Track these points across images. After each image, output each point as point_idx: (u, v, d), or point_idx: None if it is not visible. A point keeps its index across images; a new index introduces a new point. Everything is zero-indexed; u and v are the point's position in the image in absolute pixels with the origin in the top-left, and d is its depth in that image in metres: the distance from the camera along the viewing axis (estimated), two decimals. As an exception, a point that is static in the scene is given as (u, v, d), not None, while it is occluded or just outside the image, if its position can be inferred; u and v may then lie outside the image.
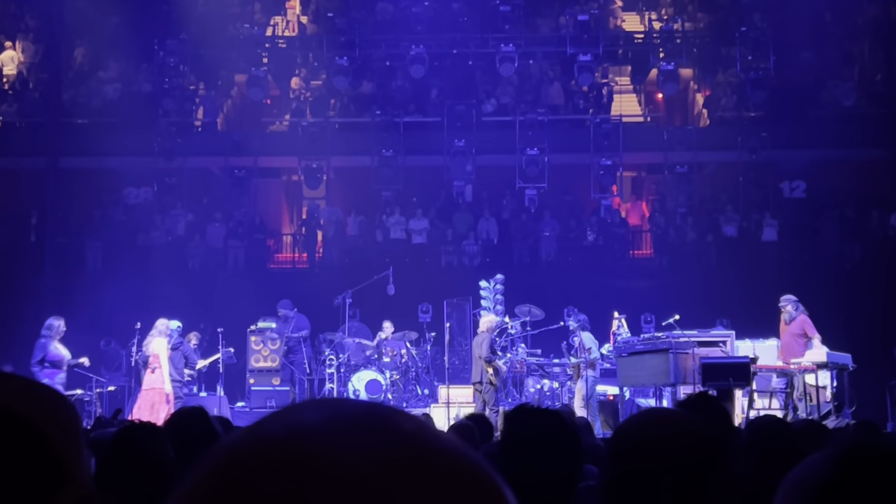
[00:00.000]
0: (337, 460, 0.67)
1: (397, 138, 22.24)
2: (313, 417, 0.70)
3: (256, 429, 0.72)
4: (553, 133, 22.28)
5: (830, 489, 0.95)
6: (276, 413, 0.73)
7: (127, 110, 21.86)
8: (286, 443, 0.68)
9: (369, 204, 22.71)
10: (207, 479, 0.69)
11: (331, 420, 0.70)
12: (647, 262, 22.36)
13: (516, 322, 17.91)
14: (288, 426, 0.70)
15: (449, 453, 0.70)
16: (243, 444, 0.70)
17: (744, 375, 13.03)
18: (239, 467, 0.69)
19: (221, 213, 22.36)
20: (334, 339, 18.06)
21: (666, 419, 2.13)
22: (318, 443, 0.68)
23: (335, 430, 0.69)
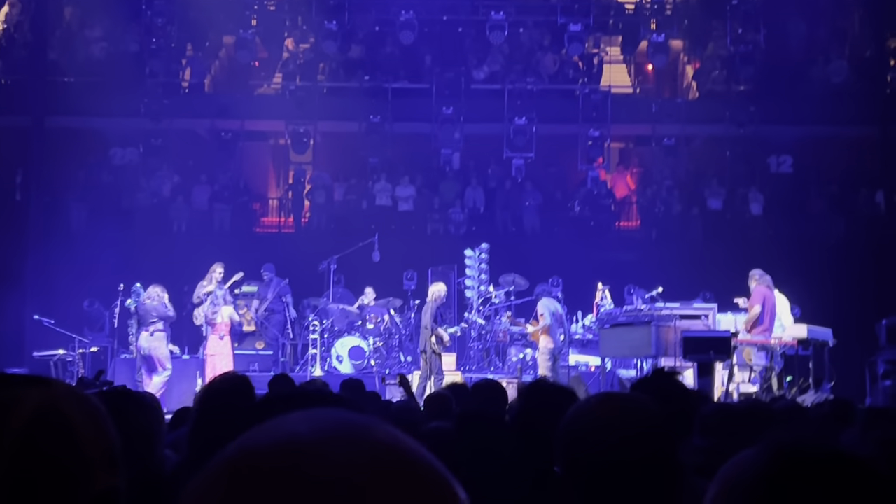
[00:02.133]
0: (325, 467, 0.79)
1: (385, 104, 22.14)
2: (305, 429, 0.82)
3: (258, 437, 0.83)
4: (542, 103, 22.21)
5: (765, 486, 0.95)
6: (273, 424, 0.85)
7: (113, 70, 21.66)
8: (281, 451, 0.81)
9: (356, 170, 22.65)
10: (212, 485, 0.81)
11: (319, 431, 0.82)
12: (632, 234, 22.39)
13: (500, 291, 17.96)
14: (282, 438, 0.82)
15: (416, 460, 0.82)
16: (244, 453, 0.82)
17: (724, 349, 13.09)
18: (241, 475, 0.80)
19: (207, 175, 22.27)
20: (318, 304, 18.07)
21: (617, 405, 2.12)
22: (310, 452, 0.80)
23: (323, 440, 0.81)
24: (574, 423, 2.08)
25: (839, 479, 0.93)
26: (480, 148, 22.62)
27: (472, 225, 21.85)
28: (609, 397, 2.20)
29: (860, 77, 22.40)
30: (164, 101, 21.66)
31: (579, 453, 2.02)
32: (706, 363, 13.20)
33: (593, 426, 2.04)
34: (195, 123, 22.99)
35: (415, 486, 0.80)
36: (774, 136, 21.87)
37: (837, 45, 22.96)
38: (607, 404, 2.12)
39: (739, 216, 21.72)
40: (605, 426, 2.03)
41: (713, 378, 13.37)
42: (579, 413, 2.10)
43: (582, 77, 23.34)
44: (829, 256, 19.79)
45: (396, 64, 23.14)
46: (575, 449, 2.03)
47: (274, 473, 0.79)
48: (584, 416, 2.08)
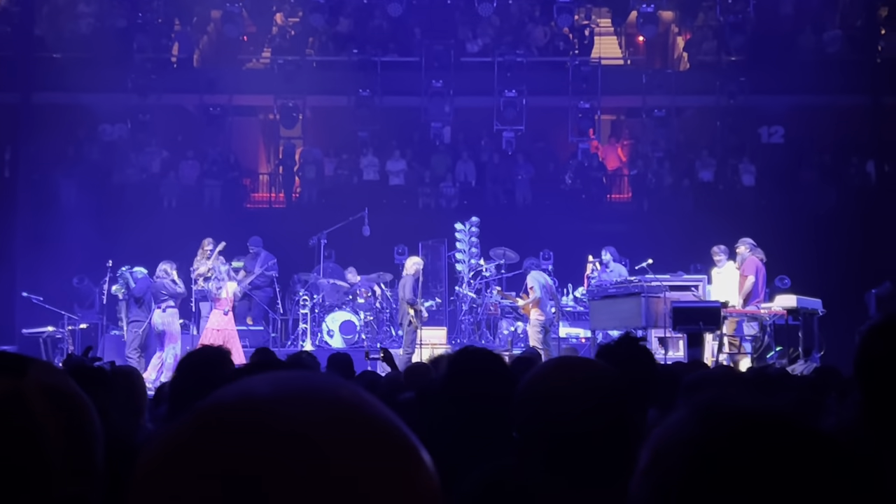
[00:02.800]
0: (284, 422, 0.80)
1: (375, 78, 22.03)
2: (268, 388, 0.83)
3: (224, 393, 0.84)
4: (532, 75, 22.11)
5: (697, 447, 0.92)
6: (241, 382, 0.85)
7: (101, 45, 21.51)
8: (243, 407, 0.82)
9: (346, 144, 22.56)
10: (177, 434, 0.82)
11: (281, 389, 0.83)
12: (624, 206, 22.35)
13: (491, 265, 17.94)
14: (245, 394, 0.83)
15: (376, 420, 0.83)
16: (209, 407, 0.83)
17: (714, 320, 13.11)
18: (204, 427, 0.81)
19: (196, 151, 22.17)
20: (309, 279, 18.04)
21: (576, 373, 2.09)
22: (270, 408, 0.81)
23: (284, 397, 0.82)
24: (530, 390, 2.05)
25: (769, 437, 0.91)
26: (471, 121, 22.54)
27: (464, 199, 21.79)
28: (566, 364, 2.17)
29: (851, 46, 22.32)
30: (152, 76, 21.54)
31: (537, 421, 1.99)
32: (696, 334, 13.23)
33: (550, 394, 2.01)
34: (184, 98, 22.87)
35: (375, 445, 0.80)
36: (765, 106, 21.81)
37: (828, 15, 22.85)
38: (565, 372, 2.08)
39: (730, 187, 21.69)
40: (563, 395, 2.00)
41: (703, 348, 13.40)
42: (536, 380, 2.07)
43: (572, 49, 23.23)
44: (820, 226, 19.78)
45: (385, 37, 23.01)
46: (533, 417, 2.01)
47: (235, 426, 0.80)
48: (541, 383, 2.05)
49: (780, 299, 14.18)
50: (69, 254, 18.35)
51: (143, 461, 0.82)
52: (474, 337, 17.25)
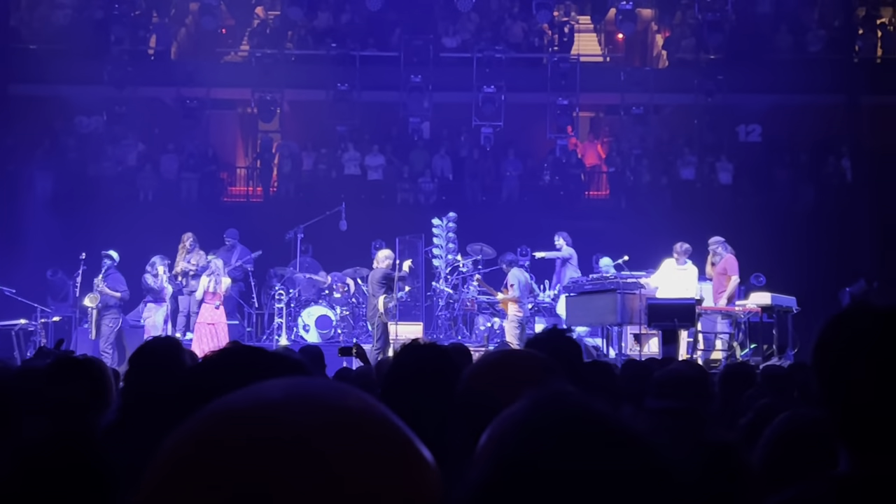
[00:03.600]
0: (291, 429, 0.80)
1: (353, 72, 21.96)
2: (279, 394, 0.83)
3: (235, 400, 0.84)
4: (511, 71, 22.11)
5: (515, 435, 1.02)
6: (251, 388, 0.85)
7: (78, 37, 21.37)
8: (254, 414, 0.81)
9: (324, 139, 22.48)
10: (184, 441, 0.82)
11: (294, 396, 0.83)
12: (602, 203, 22.37)
13: (468, 260, 17.92)
14: (256, 401, 0.83)
15: (383, 426, 0.83)
16: (220, 413, 0.83)
17: (689, 317, 13.17)
18: (214, 432, 0.81)
19: (174, 144, 22.05)
20: (285, 273, 17.98)
21: (506, 359, 2.08)
22: (279, 416, 0.81)
23: (297, 405, 0.82)
24: (471, 383, 2.04)
25: (581, 432, 1.02)
26: (449, 116, 22.50)
27: (442, 194, 21.77)
28: (499, 353, 2.16)
29: (829, 46, 22.43)
30: (129, 68, 21.40)
31: (476, 414, 1.98)
32: (671, 331, 13.27)
33: (489, 389, 2.00)
34: (161, 91, 22.73)
35: (382, 452, 0.81)
36: (743, 104, 21.88)
37: (807, 15, 22.95)
38: (501, 366, 2.08)
39: (708, 185, 21.76)
40: (500, 388, 2.00)
41: (678, 345, 13.44)
42: (476, 373, 2.06)
43: (551, 45, 23.24)
44: (796, 225, 19.88)
45: (364, 31, 22.94)
46: (473, 411, 2.00)
47: (244, 434, 0.79)
48: (480, 377, 2.04)
49: (755, 297, 14.25)
50: (43, 246, 18.22)
51: (154, 473, 0.82)
52: (451, 332, 17.23)
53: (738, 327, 14.07)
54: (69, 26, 22.13)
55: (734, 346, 13.80)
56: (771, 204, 20.85)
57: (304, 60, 22.84)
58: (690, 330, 13.62)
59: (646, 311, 13.35)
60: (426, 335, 16.88)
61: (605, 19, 24.63)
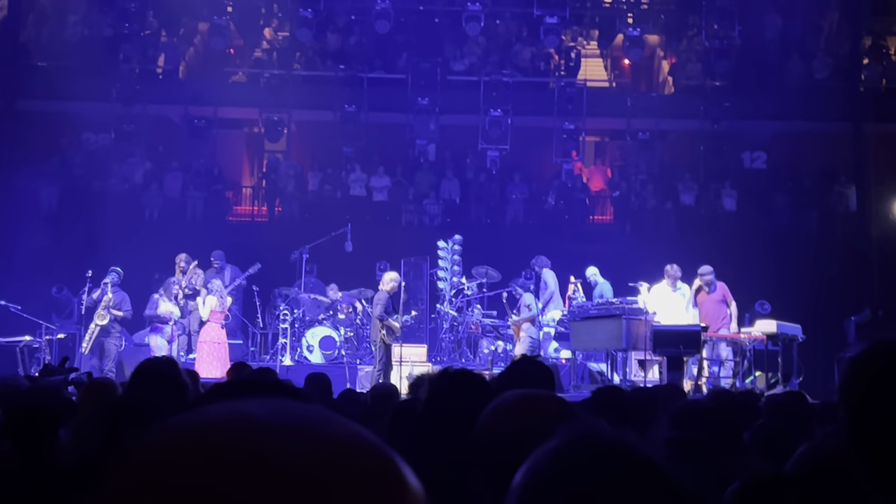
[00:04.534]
0: (287, 459, 0.76)
1: (361, 94, 22.05)
2: (262, 415, 0.79)
3: (215, 420, 0.79)
4: (517, 95, 22.19)
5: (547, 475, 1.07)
6: (229, 406, 0.80)
7: (87, 54, 21.45)
8: (243, 439, 0.76)
9: (331, 159, 22.53)
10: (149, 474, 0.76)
11: (277, 419, 0.79)
12: (606, 228, 22.39)
13: (473, 283, 17.93)
14: (243, 425, 0.78)
15: (378, 456, 0.80)
16: (193, 435, 0.77)
17: (694, 343, 13.15)
18: (189, 460, 0.75)
19: (180, 162, 22.11)
20: (289, 294, 17.98)
21: (532, 413, 2.08)
22: (271, 442, 0.77)
23: (283, 430, 0.78)
24: (487, 425, 2.05)
25: (617, 471, 1.05)
26: (456, 139, 22.56)
27: (447, 216, 21.80)
28: (521, 401, 2.16)
29: (834, 74, 22.51)
30: (137, 86, 21.48)
31: (492, 458, 1.98)
32: (675, 357, 13.26)
33: (505, 433, 2.00)
34: (168, 109, 22.81)
35: (373, 481, 0.78)
36: (748, 131, 21.93)
37: (813, 43, 23.05)
38: (518, 412, 2.08)
39: (713, 211, 21.78)
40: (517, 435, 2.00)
41: (683, 372, 13.42)
42: (493, 415, 2.06)
43: (558, 70, 23.33)
44: (801, 253, 19.87)
45: (372, 53, 23.05)
46: (488, 454, 2.00)
47: (231, 461, 0.75)
48: (497, 421, 2.05)
49: (760, 324, 14.23)
50: (48, 263, 18.23)
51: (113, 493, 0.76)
52: (454, 355, 17.22)
53: (742, 355, 14.05)
54: (78, 43, 22.22)
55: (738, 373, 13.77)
56: (775, 230, 20.87)
57: (311, 81, 22.93)
58: (695, 357, 13.60)
59: (651, 337, 13.34)
60: (430, 358, 16.88)
61: (611, 45, 24.70)
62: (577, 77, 23.23)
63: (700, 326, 13.60)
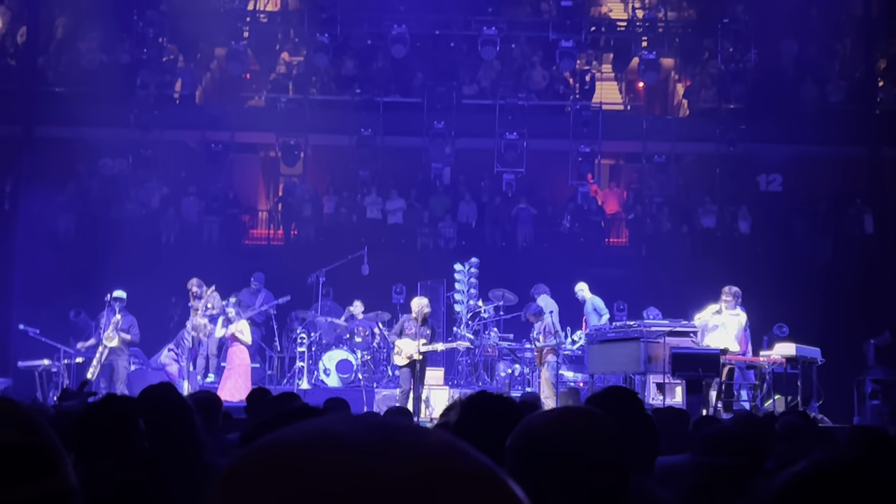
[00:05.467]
0: (386, 476, 0.74)
1: (377, 118, 22.14)
2: (354, 433, 0.77)
3: (303, 440, 0.77)
4: (533, 118, 22.25)
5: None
6: (316, 424, 0.79)
7: (104, 80, 21.60)
8: (337, 461, 0.75)
9: (346, 183, 22.61)
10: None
11: (369, 437, 0.77)
12: (622, 251, 22.40)
13: (489, 306, 17.92)
14: (334, 444, 0.76)
15: (478, 466, 0.79)
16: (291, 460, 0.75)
17: (713, 367, 13.08)
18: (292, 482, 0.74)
19: (197, 187, 22.21)
20: (306, 317, 18.01)
21: (578, 422, 2.07)
22: (366, 461, 0.75)
23: (377, 447, 0.76)
24: (529, 435, 2.03)
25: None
26: (471, 163, 22.62)
27: (462, 239, 21.83)
28: (569, 412, 2.15)
29: (850, 97, 22.50)
30: (155, 112, 21.61)
31: (533, 467, 1.97)
32: (695, 380, 13.19)
33: (550, 441, 1.99)
34: (185, 135, 22.94)
35: (481, 493, 0.77)
36: (764, 154, 21.91)
37: (828, 66, 23.06)
38: (566, 419, 2.07)
39: (729, 234, 21.75)
40: (563, 442, 1.98)
41: (703, 395, 13.35)
42: (536, 426, 2.05)
43: (573, 93, 23.40)
44: (818, 275, 19.83)
45: (388, 78, 23.16)
46: (528, 462, 1.99)
47: (329, 482, 0.73)
48: (541, 429, 2.03)
49: (779, 347, 14.16)
50: (67, 287, 18.31)
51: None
52: (471, 378, 17.19)
53: (762, 378, 13.98)
54: (96, 70, 22.38)
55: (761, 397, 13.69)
56: (792, 253, 20.82)
57: (327, 106, 23.04)
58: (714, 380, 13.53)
59: (670, 360, 13.28)
60: (447, 381, 16.85)
61: (627, 68, 24.77)
62: (592, 100, 23.29)
63: (719, 350, 13.53)
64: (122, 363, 15.98)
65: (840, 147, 21.82)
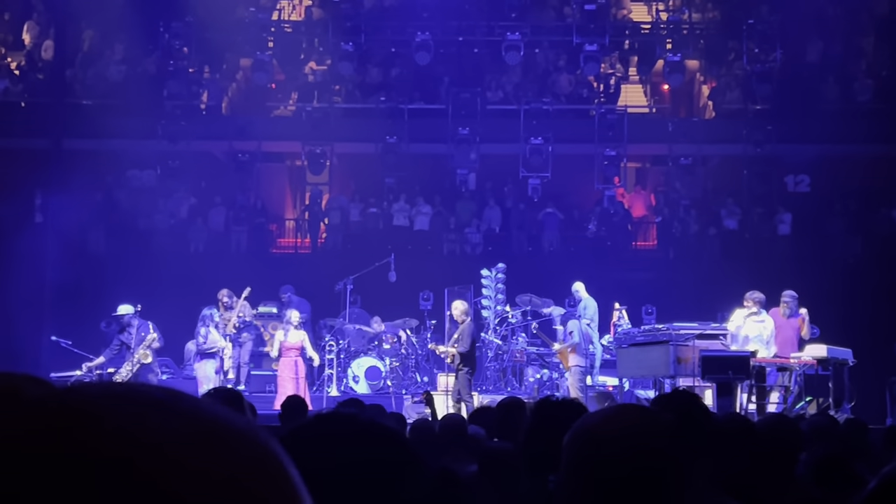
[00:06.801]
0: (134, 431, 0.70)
1: (402, 125, 22.20)
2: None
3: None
4: (558, 123, 22.22)
5: None
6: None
7: (131, 92, 21.80)
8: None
9: (372, 190, 22.69)
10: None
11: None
12: (649, 254, 22.33)
13: (517, 311, 17.91)
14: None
15: (232, 428, 0.74)
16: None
17: (743, 369, 13.00)
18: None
19: (224, 197, 22.35)
20: (335, 324, 18.07)
21: (636, 418, 2.08)
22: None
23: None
24: (587, 431, 2.03)
25: None
26: (496, 168, 22.63)
27: (488, 245, 21.84)
28: (627, 408, 2.16)
29: (877, 96, 22.34)
30: (182, 122, 21.78)
31: (590, 462, 1.98)
32: (725, 383, 13.12)
33: (608, 436, 1.99)
34: (212, 145, 23.08)
35: (240, 458, 0.72)
36: (792, 155, 21.79)
37: (854, 64, 22.91)
38: (625, 416, 2.08)
39: (757, 236, 21.63)
40: (621, 437, 1.99)
41: (734, 398, 13.27)
42: (593, 422, 2.06)
43: (598, 97, 23.36)
44: (848, 276, 19.67)
45: (412, 85, 23.23)
46: (586, 457, 1.99)
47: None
48: (600, 425, 2.04)
49: (810, 349, 14.05)
50: (97, 298, 18.44)
51: None
52: (500, 384, 17.19)
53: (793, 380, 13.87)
54: (123, 82, 22.60)
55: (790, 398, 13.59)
56: (821, 254, 20.66)
57: (353, 114, 23.15)
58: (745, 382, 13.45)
59: (699, 363, 13.21)
60: (475, 387, 16.84)
61: (651, 70, 24.71)
62: (617, 104, 23.24)
63: (749, 352, 13.45)
64: (152, 376, 16.08)
65: (868, 146, 21.65)
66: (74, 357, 16.50)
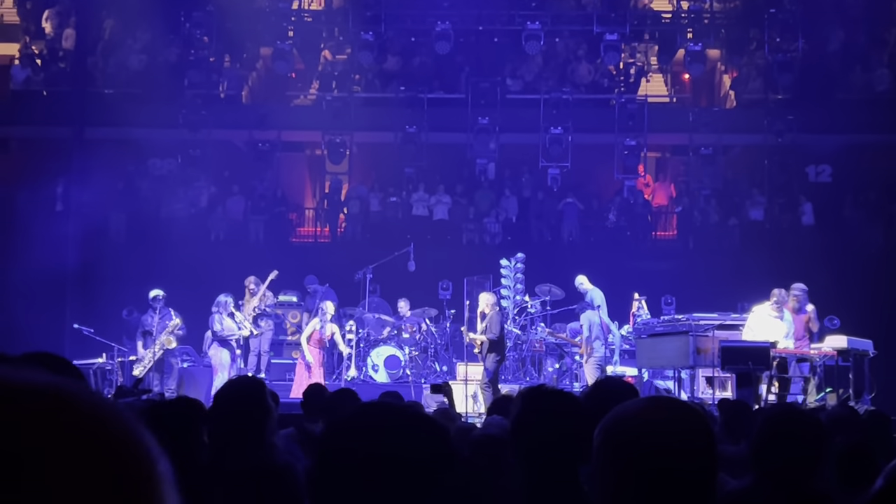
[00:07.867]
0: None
1: (421, 114, 22.20)
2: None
3: None
4: (578, 112, 22.16)
5: None
6: None
7: (152, 81, 21.88)
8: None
9: (392, 180, 22.71)
10: None
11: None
12: (669, 244, 22.27)
13: (536, 301, 17.92)
14: None
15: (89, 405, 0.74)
16: None
17: (763, 360, 12.97)
18: None
19: (244, 186, 22.42)
20: (354, 314, 18.12)
21: (667, 408, 2.08)
22: None
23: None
24: (621, 424, 2.03)
25: None
26: (516, 157, 22.61)
27: (508, 234, 21.83)
28: (661, 402, 2.17)
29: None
30: (202, 112, 21.85)
31: (623, 455, 1.98)
32: (745, 374, 13.09)
33: (643, 430, 2.00)
34: (233, 134, 23.15)
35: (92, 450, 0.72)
36: (813, 144, 21.67)
37: (876, 53, 22.75)
38: (657, 408, 2.08)
39: (777, 226, 21.54)
40: (656, 431, 1.99)
41: (754, 389, 13.25)
42: (627, 415, 2.06)
43: (618, 86, 23.29)
44: (869, 266, 19.55)
45: (432, 74, 23.22)
46: (619, 451, 2.00)
47: None
48: (633, 418, 2.04)
49: (830, 340, 14.00)
50: (119, 286, 18.56)
51: None
52: (519, 374, 17.21)
53: (813, 371, 13.83)
54: (144, 71, 22.67)
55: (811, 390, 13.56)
56: (842, 244, 20.55)
57: (372, 103, 23.16)
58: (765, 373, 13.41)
59: (719, 353, 13.19)
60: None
61: (672, 60, 24.61)
62: (637, 93, 23.17)
63: (769, 343, 13.41)
64: (174, 361, 16.21)
65: (889, 135, 21.50)
66: (97, 344, 16.61)
